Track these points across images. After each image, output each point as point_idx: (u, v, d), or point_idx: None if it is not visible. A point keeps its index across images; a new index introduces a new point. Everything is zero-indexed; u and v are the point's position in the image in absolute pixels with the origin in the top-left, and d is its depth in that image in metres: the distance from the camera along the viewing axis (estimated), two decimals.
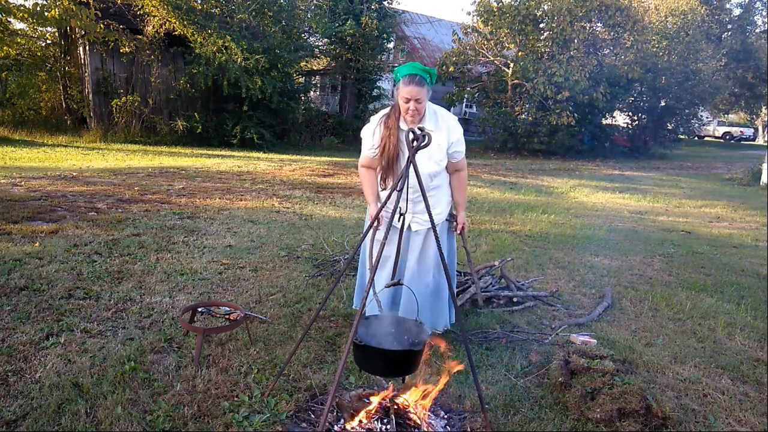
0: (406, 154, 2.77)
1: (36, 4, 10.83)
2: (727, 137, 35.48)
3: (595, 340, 3.32)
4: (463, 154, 2.95)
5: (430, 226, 2.88)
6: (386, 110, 2.86)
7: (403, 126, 2.74)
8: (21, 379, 2.51)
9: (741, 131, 35.63)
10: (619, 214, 8.45)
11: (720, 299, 4.49)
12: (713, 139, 35.77)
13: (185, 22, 12.26)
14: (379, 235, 2.65)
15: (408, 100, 2.63)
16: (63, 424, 2.22)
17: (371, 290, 2.07)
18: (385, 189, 2.84)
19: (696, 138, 36.16)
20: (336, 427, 2.28)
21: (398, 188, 2.22)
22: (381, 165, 2.80)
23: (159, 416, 2.31)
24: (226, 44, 12.06)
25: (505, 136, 18.47)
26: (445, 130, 2.82)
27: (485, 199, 8.74)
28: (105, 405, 2.35)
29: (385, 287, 2.48)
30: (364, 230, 3.21)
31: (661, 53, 19.18)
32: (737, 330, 3.81)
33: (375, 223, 2.54)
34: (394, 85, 2.76)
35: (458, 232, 3.05)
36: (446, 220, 3.11)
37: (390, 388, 2.40)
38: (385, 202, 2.35)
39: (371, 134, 2.84)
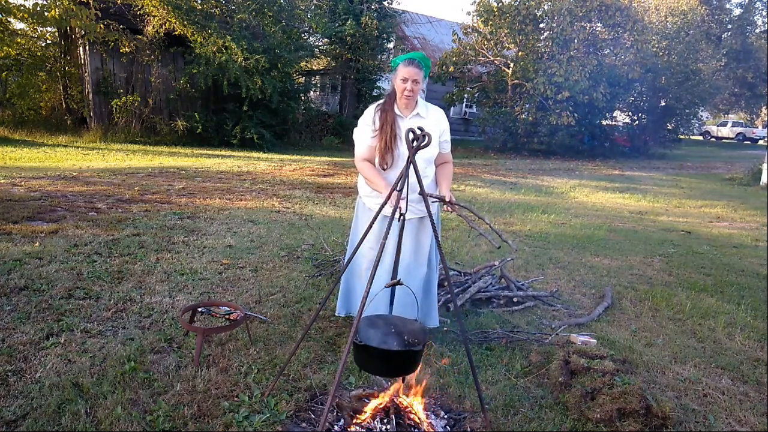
0: (403, 137, 2.81)
1: (36, 4, 10.84)
2: (741, 137, 35.78)
3: (595, 340, 3.31)
4: (450, 147, 3.05)
5: (422, 215, 2.90)
6: (380, 100, 2.96)
7: (398, 111, 2.87)
8: (21, 379, 2.51)
9: (753, 132, 36.15)
10: (619, 214, 8.45)
11: (720, 299, 4.49)
12: (728, 141, 35.93)
13: (185, 22, 12.26)
14: (369, 237, 2.63)
15: (406, 80, 2.75)
16: (63, 424, 2.22)
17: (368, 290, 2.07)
18: (385, 170, 2.88)
19: (713, 139, 36.39)
20: (336, 427, 2.28)
21: (398, 188, 2.22)
22: (379, 147, 2.84)
23: (159, 416, 2.31)
24: (226, 44, 12.06)
25: (505, 136, 18.46)
26: (435, 118, 2.96)
27: (485, 199, 8.74)
28: (105, 405, 2.35)
29: (385, 287, 2.47)
30: (354, 230, 3.20)
31: (661, 53, 19.18)
32: (737, 330, 3.82)
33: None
34: (393, 71, 2.83)
35: (447, 200, 2.79)
36: (432, 202, 3.04)
37: (390, 388, 2.40)
38: (385, 202, 2.35)
39: (371, 121, 2.89)
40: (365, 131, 2.91)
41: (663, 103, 20.94)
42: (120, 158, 10.37)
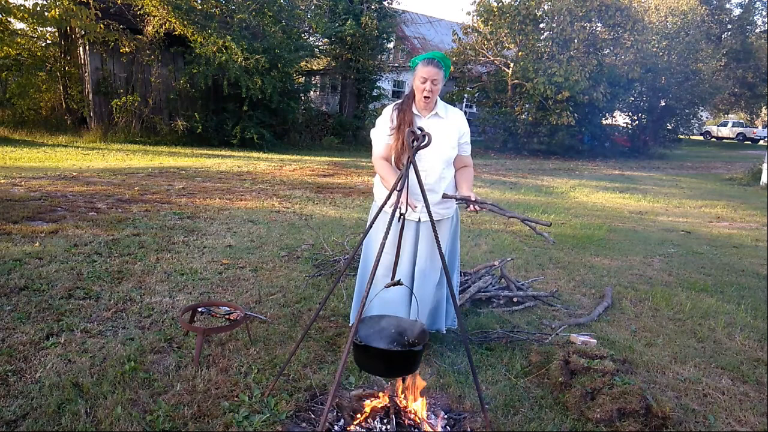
0: None
1: (36, 4, 10.84)
2: (741, 137, 35.65)
3: (595, 340, 3.31)
4: (470, 149, 3.03)
5: (439, 218, 2.88)
6: (399, 101, 2.93)
7: (416, 111, 2.83)
8: (21, 379, 2.51)
9: (754, 132, 35.96)
10: (619, 214, 8.45)
11: (720, 299, 4.48)
12: (729, 141, 35.84)
13: (185, 22, 12.27)
14: (380, 236, 2.62)
15: (425, 80, 2.71)
16: (63, 424, 2.22)
17: (369, 292, 2.07)
18: (400, 170, 2.83)
19: (713, 139, 36.27)
20: (336, 427, 2.28)
21: (398, 188, 2.22)
22: (395, 147, 2.79)
23: (159, 416, 2.31)
24: (226, 44, 12.06)
25: (505, 136, 18.47)
26: (454, 119, 2.92)
27: (485, 200, 8.73)
28: (105, 405, 2.35)
29: (385, 287, 2.47)
30: (367, 230, 3.18)
31: (661, 53, 19.18)
32: (737, 330, 3.81)
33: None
34: (412, 70, 2.80)
35: (472, 198, 2.78)
36: (457, 203, 3.02)
37: (389, 388, 2.40)
38: (385, 202, 2.34)
39: (388, 120, 2.86)
40: (382, 130, 2.87)
41: (663, 103, 20.94)
42: (120, 158, 10.37)
